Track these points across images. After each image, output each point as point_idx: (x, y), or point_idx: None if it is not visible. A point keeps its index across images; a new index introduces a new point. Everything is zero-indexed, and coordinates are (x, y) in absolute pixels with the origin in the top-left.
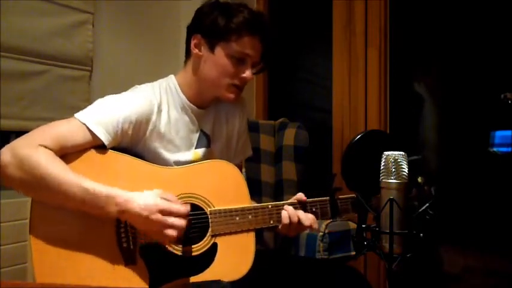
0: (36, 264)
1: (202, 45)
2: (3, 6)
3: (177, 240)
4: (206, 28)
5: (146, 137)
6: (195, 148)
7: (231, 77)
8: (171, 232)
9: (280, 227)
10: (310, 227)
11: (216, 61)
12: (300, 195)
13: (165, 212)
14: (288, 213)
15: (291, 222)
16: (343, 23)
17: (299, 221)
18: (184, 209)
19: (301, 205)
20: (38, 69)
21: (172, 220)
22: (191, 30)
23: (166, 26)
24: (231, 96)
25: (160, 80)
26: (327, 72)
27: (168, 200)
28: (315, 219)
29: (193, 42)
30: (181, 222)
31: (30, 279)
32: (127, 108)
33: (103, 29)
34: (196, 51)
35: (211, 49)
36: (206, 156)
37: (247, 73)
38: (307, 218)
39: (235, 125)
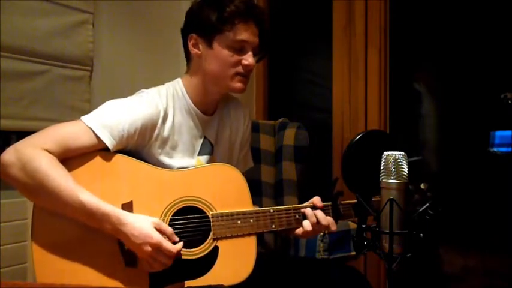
0: (36, 264)
1: (199, 44)
2: (3, 6)
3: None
4: (200, 26)
5: (151, 142)
6: (199, 155)
7: (234, 66)
8: (156, 266)
9: (304, 227)
10: (328, 227)
11: (216, 55)
12: (315, 200)
13: (155, 246)
14: (309, 213)
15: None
16: (343, 23)
17: (318, 221)
18: (176, 248)
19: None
20: (38, 69)
21: (160, 257)
22: (186, 32)
23: (166, 26)
24: (239, 85)
25: (168, 84)
26: (327, 72)
27: (163, 232)
28: (333, 221)
29: (190, 43)
30: (168, 261)
31: (30, 279)
32: (133, 113)
33: (103, 29)
34: (195, 50)
35: (209, 45)
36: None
37: (250, 60)
38: (325, 219)
39: (239, 134)
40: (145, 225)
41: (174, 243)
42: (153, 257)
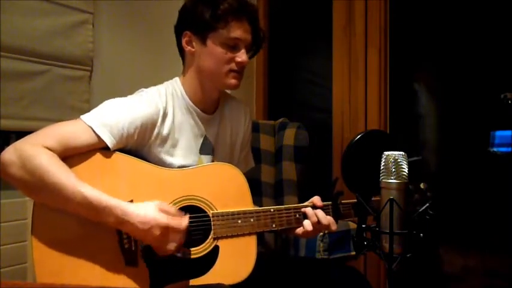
0: (37, 264)
1: (193, 41)
2: (3, 6)
3: (176, 250)
4: (194, 23)
5: (151, 141)
6: (200, 154)
7: (228, 63)
8: (170, 246)
9: (304, 227)
10: (328, 226)
11: (209, 52)
12: (315, 200)
13: (163, 227)
14: (310, 213)
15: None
16: (343, 23)
17: (319, 221)
18: (183, 222)
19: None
20: (38, 69)
21: (171, 236)
22: (179, 29)
23: (166, 26)
24: (233, 81)
25: (167, 83)
26: (327, 72)
27: (167, 212)
28: (334, 220)
29: (184, 40)
30: (179, 237)
31: (30, 279)
32: (133, 112)
33: (103, 29)
34: (188, 48)
35: (203, 42)
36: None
37: (243, 57)
38: (326, 218)
39: (239, 135)
40: (149, 210)
41: None
42: (164, 238)
